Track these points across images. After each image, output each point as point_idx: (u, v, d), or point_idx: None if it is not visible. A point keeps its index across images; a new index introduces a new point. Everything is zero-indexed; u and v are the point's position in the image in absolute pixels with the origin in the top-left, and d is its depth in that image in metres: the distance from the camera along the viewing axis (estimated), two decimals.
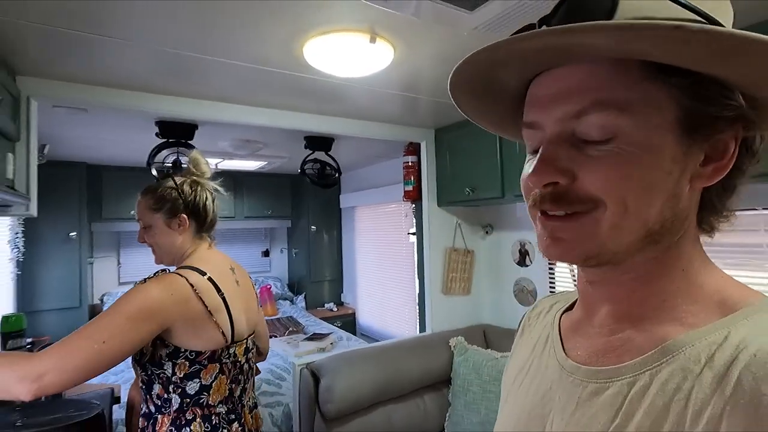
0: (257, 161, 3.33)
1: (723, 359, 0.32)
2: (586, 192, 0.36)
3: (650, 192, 0.35)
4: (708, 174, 0.37)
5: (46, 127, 2.15)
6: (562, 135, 0.37)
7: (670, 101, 0.35)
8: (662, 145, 0.35)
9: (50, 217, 3.08)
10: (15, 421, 1.02)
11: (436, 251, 2.42)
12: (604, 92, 0.35)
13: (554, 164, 0.37)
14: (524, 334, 0.57)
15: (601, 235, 0.36)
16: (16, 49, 1.30)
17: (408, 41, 1.26)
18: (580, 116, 0.36)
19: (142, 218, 1.18)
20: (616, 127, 0.35)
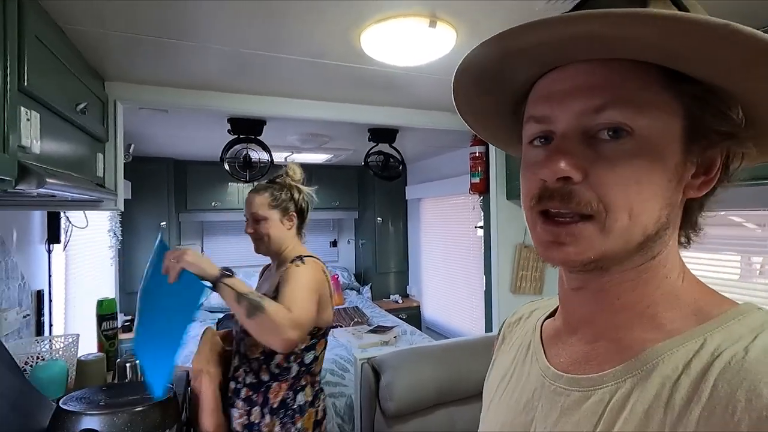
0: (324, 154, 3.39)
1: (699, 366, 0.33)
2: (597, 193, 0.35)
3: (654, 199, 0.36)
4: (696, 186, 0.38)
5: (132, 127, 2.35)
6: (577, 130, 0.36)
7: (679, 108, 0.35)
8: (670, 151, 0.36)
9: (144, 208, 3.42)
10: (99, 401, 1.12)
11: (505, 247, 2.28)
12: (624, 90, 0.35)
13: (571, 158, 0.35)
14: (505, 341, 0.56)
15: (606, 241, 0.36)
16: (104, 57, 1.41)
17: (471, 23, 1.15)
18: (600, 111, 0.35)
19: (257, 211, 1.33)
20: (633, 125, 0.35)
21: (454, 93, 0.44)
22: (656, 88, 0.35)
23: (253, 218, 1.34)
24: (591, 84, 0.36)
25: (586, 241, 0.36)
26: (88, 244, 2.51)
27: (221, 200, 3.85)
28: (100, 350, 1.61)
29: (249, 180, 2.47)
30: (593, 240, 0.36)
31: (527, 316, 0.55)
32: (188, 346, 2.79)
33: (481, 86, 0.43)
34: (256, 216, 1.33)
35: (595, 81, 0.35)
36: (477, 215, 3.04)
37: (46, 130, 1.00)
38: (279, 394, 1.26)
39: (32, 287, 1.67)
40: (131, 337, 3.21)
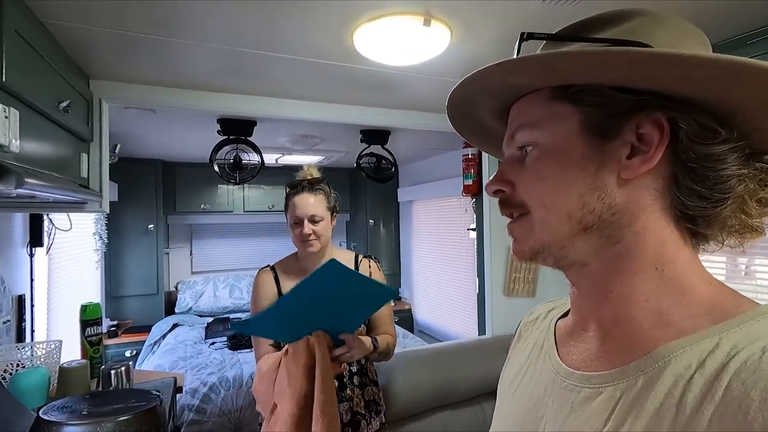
0: (315, 156, 3.35)
1: (714, 365, 0.33)
2: (519, 198, 0.44)
3: (564, 188, 0.41)
4: (636, 166, 0.39)
5: (118, 127, 2.30)
6: (512, 155, 0.46)
7: (572, 111, 0.41)
8: (569, 147, 0.41)
9: (131, 211, 3.36)
10: (82, 410, 1.07)
11: (498, 249, 2.27)
12: (525, 117, 0.44)
13: (501, 176, 0.45)
14: (521, 339, 0.58)
15: (535, 231, 0.42)
16: (89, 54, 1.37)
17: (466, 22, 1.14)
18: (513, 137, 0.45)
19: (316, 212, 1.33)
20: (532, 140, 0.43)
21: (452, 123, 0.53)
22: (548, 104, 0.42)
23: (311, 219, 1.32)
24: (511, 119, 0.47)
25: (523, 234, 0.44)
26: (72, 247, 2.45)
27: (211, 202, 3.80)
28: (84, 357, 1.56)
29: (239, 182, 2.43)
30: (526, 233, 0.43)
31: (544, 315, 0.56)
32: (176, 352, 2.73)
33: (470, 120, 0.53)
34: (316, 217, 1.32)
35: (512, 116, 0.46)
36: (469, 217, 3.03)
37: (27, 128, 0.96)
38: (372, 369, 1.44)
39: (13, 292, 1.61)
40: (117, 342, 3.15)
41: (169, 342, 2.94)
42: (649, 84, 0.37)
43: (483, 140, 0.56)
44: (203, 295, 3.75)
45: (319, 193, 1.35)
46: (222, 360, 2.52)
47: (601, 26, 0.42)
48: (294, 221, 1.34)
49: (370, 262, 1.45)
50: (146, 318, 3.43)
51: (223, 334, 3.01)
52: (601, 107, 0.39)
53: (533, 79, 0.42)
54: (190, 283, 3.83)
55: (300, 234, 1.32)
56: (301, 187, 1.34)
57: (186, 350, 2.73)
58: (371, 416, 1.37)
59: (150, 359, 2.84)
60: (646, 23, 0.40)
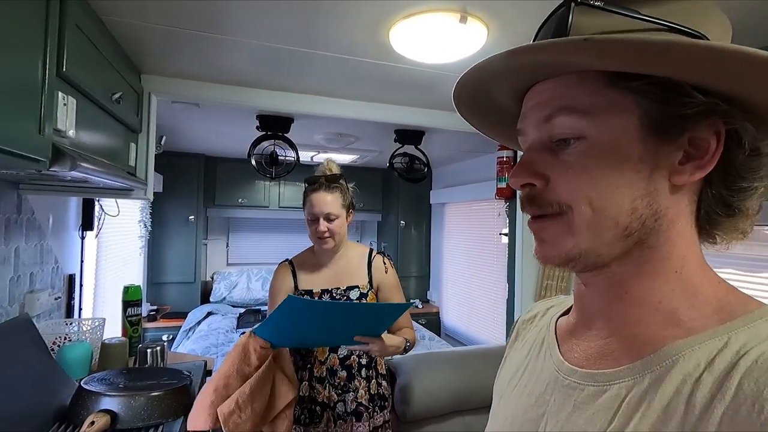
0: (350, 155, 3.40)
1: (723, 364, 0.32)
2: (556, 195, 0.39)
3: (616, 191, 0.37)
4: (688, 172, 0.37)
5: (164, 120, 2.42)
6: (541, 141, 0.40)
7: (632, 105, 0.37)
8: (626, 145, 0.37)
9: (174, 202, 3.53)
10: (119, 383, 1.14)
11: (530, 256, 2.21)
12: (569, 99, 0.38)
13: (530, 168, 0.40)
14: (518, 338, 0.57)
15: (575, 235, 0.38)
16: (142, 50, 1.46)
17: (503, 18, 1.13)
18: (550, 120, 0.39)
19: (332, 210, 1.35)
20: (580, 129, 0.37)
21: (458, 109, 0.49)
22: (602, 90, 0.37)
23: (327, 217, 1.35)
24: (545, 99, 0.40)
25: (556, 237, 0.39)
26: (119, 232, 2.60)
27: (248, 197, 3.93)
28: (124, 335, 1.66)
29: (274, 177, 2.50)
30: (561, 236, 0.39)
31: (543, 313, 0.55)
32: (209, 339, 2.83)
33: (479, 107, 0.48)
34: (331, 215, 1.35)
35: (548, 95, 0.40)
36: (502, 222, 2.97)
37: (82, 116, 1.03)
38: (381, 363, 1.46)
39: (65, 271, 1.73)
40: (156, 326, 3.31)
41: (203, 329, 3.06)
42: (721, 86, 0.35)
43: (489, 124, 0.51)
44: (237, 286, 3.88)
45: (336, 191, 1.37)
46: None
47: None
48: (310, 218, 1.37)
49: (383, 258, 1.46)
50: (183, 305, 3.59)
51: (254, 325, 3.11)
52: (668, 105, 0.36)
53: (586, 59, 0.36)
54: (225, 274, 3.97)
55: (316, 231, 1.35)
56: (318, 184, 1.37)
57: (218, 338, 2.83)
58: (374, 410, 1.38)
59: (185, 344, 2.97)
60: (700, 9, 0.37)
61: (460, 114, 0.49)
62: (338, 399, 1.37)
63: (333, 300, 1.39)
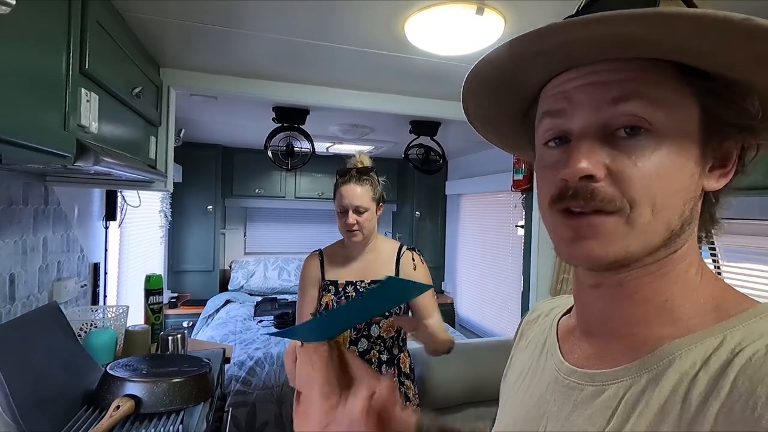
0: (365, 146, 3.40)
1: (718, 362, 0.33)
2: (620, 189, 0.35)
3: (677, 194, 0.36)
4: (715, 179, 0.37)
5: (183, 113, 2.46)
6: (595, 126, 0.36)
7: (695, 103, 0.35)
8: (690, 146, 0.35)
9: (193, 192, 3.60)
10: (142, 369, 1.19)
11: (546, 248, 2.19)
12: (640, 84, 0.35)
13: (592, 156, 0.35)
14: (522, 338, 0.56)
15: (629, 236, 0.35)
16: (160, 44, 1.48)
17: (520, 9, 1.10)
18: (617, 103, 0.35)
19: (361, 203, 1.33)
20: (650, 120, 0.34)
21: (464, 96, 0.44)
22: (672, 83, 0.35)
23: (356, 210, 1.34)
24: (607, 79, 0.36)
25: (610, 235, 0.35)
26: (140, 222, 2.67)
27: (265, 187, 3.97)
28: (146, 322, 1.71)
29: (290, 168, 2.53)
30: (616, 234, 0.35)
31: (546, 313, 0.55)
32: (227, 326, 2.90)
33: (492, 89, 0.43)
34: (360, 208, 1.34)
35: (611, 76, 0.35)
36: (518, 214, 2.94)
37: (104, 111, 1.06)
38: (405, 361, 1.42)
39: (90, 260, 1.80)
40: (177, 313, 3.41)
41: (221, 316, 3.14)
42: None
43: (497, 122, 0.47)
44: (254, 275, 3.95)
45: (366, 184, 1.36)
46: (268, 337, 2.65)
47: None
48: (340, 210, 1.36)
49: (413, 254, 1.44)
50: (203, 292, 3.68)
51: (271, 313, 3.17)
52: (729, 109, 0.35)
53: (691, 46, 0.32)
54: (243, 263, 4.04)
55: (345, 223, 1.34)
56: (349, 176, 1.36)
57: (236, 325, 2.90)
58: None
59: (204, 331, 3.06)
60: None
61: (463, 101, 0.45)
62: None
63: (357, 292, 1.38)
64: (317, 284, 1.41)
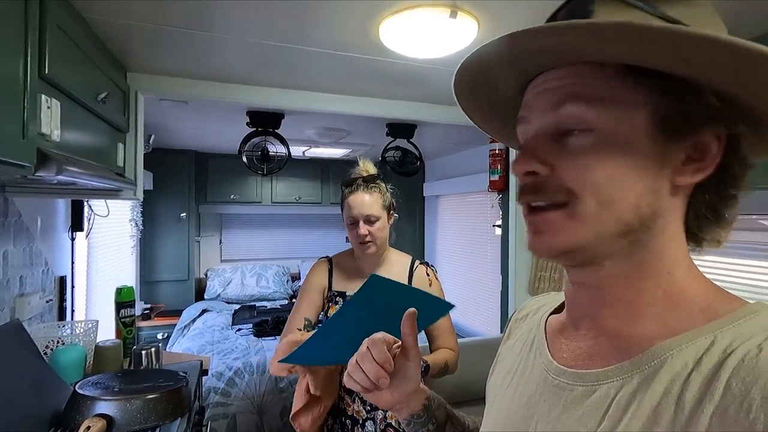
0: (341, 149, 3.38)
1: (711, 363, 0.33)
2: (563, 183, 0.37)
3: (623, 186, 0.36)
4: (689, 173, 0.37)
5: (153, 119, 2.39)
6: (545, 128, 0.39)
7: (644, 101, 0.36)
8: (635, 141, 0.36)
9: (165, 199, 3.49)
10: (114, 387, 1.14)
11: (523, 247, 2.23)
12: (579, 87, 0.37)
13: (534, 154, 0.39)
14: (510, 337, 0.56)
15: (578, 227, 0.37)
16: (126, 48, 1.43)
17: (494, 13, 1.12)
18: (558, 107, 0.38)
19: (372, 212, 1.27)
20: (590, 119, 0.37)
21: (456, 95, 0.47)
22: (617, 83, 0.36)
23: (367, 219, 1.27)
24: (552, 86, 0.39)
25: (558, 227, 0.38)
26: (110, 232, 2.57)
27: (240, 193, 3.90)
28: (118, 337, 1.65)
29: (266, 173, 2.49)
30: (564, 226, 0.38)
31: (534, 311, 0.55)
32: (204, 336, 2.83)
33: (479, 95, 0.46)
34: (372, 217, 1.27)
35: (556, 83, 0.39)
36: (495, 214, 2.99)
37: (67, 118, 1.01)
38: None
39: (55, 273, 1.72)
40: (151, 325, 3.30)
41: (197, 326, 3.05)
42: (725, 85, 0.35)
43: (488, 117, 0.50)
44: (231, 282, 3.87)
45: (374, 191, 1.30)
46: (247, 346, 2.60)
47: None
48: (350, 221, 1.29)
49: (427, 269, 1.38)
50: (178, 302, 3.58)
51: (249, 321, 3.10)
52: (682, 104, 0.36)
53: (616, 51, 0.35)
54: (219, 271, 3.95)
55: (356, 235, 1.27)
56: (356, 185, 1.30)
57: (213, 335, 2.83)
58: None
59: (180, 342, 2.96)
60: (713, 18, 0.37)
61: (458, 103, 0.48)
62: (367, 416, 1.27)
63: None
64: (322, 292, 1.34)
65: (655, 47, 0.33)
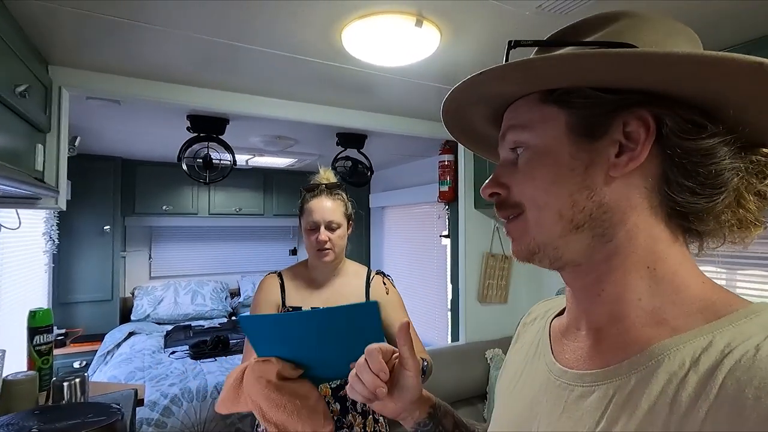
0: (287, 158, 3.28)
1: (708, 363, 0.33)
2: (514, 199, 0.44)
3: (553, 188, 0.41)
4: (623, 163, 0.39)
5: (79, 120, 2.14)
6: (507, 158, 0.46)
7: (559, 114, 0.41)
8: (557, 148, 0.41)
9: (86, 211, 3.13)
10: (31, 427, 0.96)
11: (472, 256, 2.28)
12: (515, 119, 0.45)
13: (496, 180, 0.46)
14: (518, 340, 0.58)
15: (531, 230, 0.43)
16: (49, 37, 1.26)
17: (457, 24, 1.14)
18: (504, 137, 0.46)
19: (333, 218, 1.24)
20: (521, 141, 0.44)
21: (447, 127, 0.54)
22: (537, 107, 0.43)
23: (328, 226, 1.23)
24: (503, 122, 0.47)
25: (519, 233, 0.44)
26: (18, 247, 2.24)
27: (173, 204, 3.61)
28: (32, 368, 1.41)
29: (209, 182, 2.32)
30: (522, 231, 0.44)
31: (542, 315, 0.56)
32: (133, 362, 2.56)
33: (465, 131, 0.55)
34: (333, 223, 1.24)
35: (505, 119, 0.47)
36: (442, 224, 3.05)
37: None
38: None
39: None
40: (65, 352, 2.91)
41: (124, 351, 2.75)
42: (629, 83, 0.38)
43: (479, 146, 0.57)
44: (163, 301, 3.55)
45: (338, 198, 1.28)
46: (184, 370, 2.37)
47: (588, 29, 0.42)
48: (309, 227, 1.24)
49: (383, 278, 1.36)
50: (99, 326, 3.20)
51: (185, 342, 2.85)
52: (586, 108, 0.40)
53: (516, 85, 0.43)
54: (149, 289, 3.61)
55: (315, 241, 1.22)
56: (319, 190, 1.27)
57: (144, 360, 2.56)
58: None
59: (103, 370, 2.64)
60: (631, 24, 0.41)
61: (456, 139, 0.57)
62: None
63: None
64: (276, 309, 1.26)
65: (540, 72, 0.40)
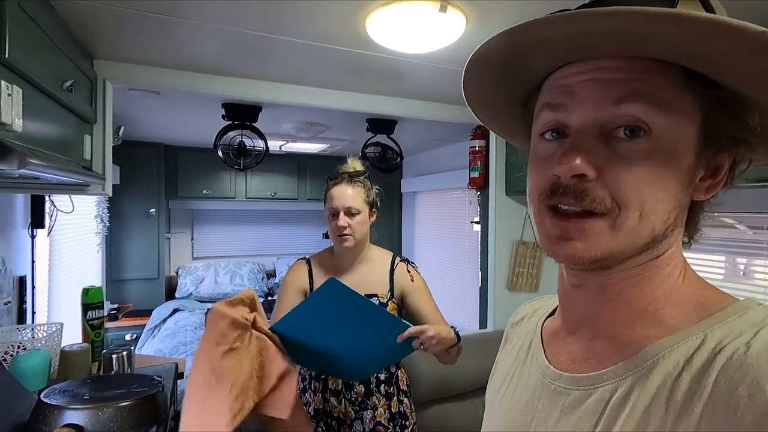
0: (320, 144, 3.32)
1: (700, 362, 0.33)
2: (610, 192, 0.35)
3: (666, 200, 0.35)
4: (704, 189, 0.37)
5: (123, 110, 2.27)
6: (594, 124, 0.35)
7: (697, 111, 0.35)
8: (685, 154, 0.35)
9: (133, 194, 3.34)
10: (84, 394, 1.07)
11: (502, 243, 2.25)
12: (645, 85, 0.34)
13: (586, 155, 0.34)
14: (507, 342, 0.56)
15: (615, 238, 0.36)
16: (93, 33, 1.34)
17: (483, 8, 1.11)
18: (620, 102, 0.34)
19: (353, 204, 1.27)
20: (651, 123, 0.34)
21: (465, 79, 0.42)
22: (676, 88, 0.34)
23: (348, 212, 1.27)
24: (612, 77, 0.35)
25: (595, 237, 0.36)
26: (74, 229, 2.43)
27: (213, 188, 3.77)
28: (85, 340, 1.55)
29: (243, 168, 2.41)
30: (602, 237, 0.36)
31: (530, 315, 0.55)
32: (177, 337, 2.73)
33: (494, 73, 0.41)
34: (352, 209, 1.27)
35: (617, 75, 0.35)
36: (473, 210, 3.01)
37: (30, 107, 0.93)
38: (403, 378, 1.37)
39: (14, 273, 1.60)
40: (118, 326, 3.15)
41: (169, 327, 2.94)
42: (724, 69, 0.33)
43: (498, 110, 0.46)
44: (204, 280, 3.75)
45: (358, 186, 1.31)
46: None
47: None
48: (330, 213, 1.29)
49: (407, 266, 1.36)
50: (147, 302, 3.43)
51: None
52: (731, 122, 0.35)
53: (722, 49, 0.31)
54: (191, 269, 3.82)
55: (336, 227, 1.26)
56: (341, 178, 1.31)
57: (186, 335, 2.73)
58: (395, 430, 1.28)
59: (150, 343, 2.85)
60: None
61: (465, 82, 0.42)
62: (356, 416, 1.27)
63: None
64: (302, 293, 1.31)
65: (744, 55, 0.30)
